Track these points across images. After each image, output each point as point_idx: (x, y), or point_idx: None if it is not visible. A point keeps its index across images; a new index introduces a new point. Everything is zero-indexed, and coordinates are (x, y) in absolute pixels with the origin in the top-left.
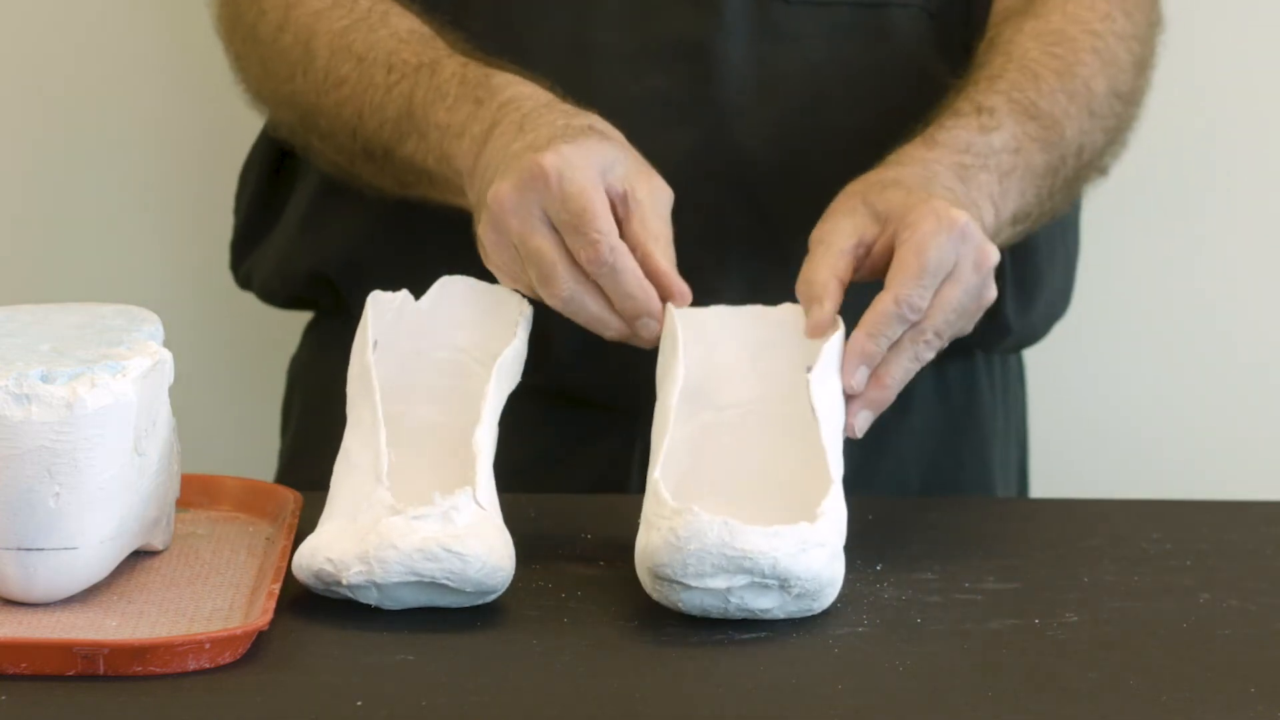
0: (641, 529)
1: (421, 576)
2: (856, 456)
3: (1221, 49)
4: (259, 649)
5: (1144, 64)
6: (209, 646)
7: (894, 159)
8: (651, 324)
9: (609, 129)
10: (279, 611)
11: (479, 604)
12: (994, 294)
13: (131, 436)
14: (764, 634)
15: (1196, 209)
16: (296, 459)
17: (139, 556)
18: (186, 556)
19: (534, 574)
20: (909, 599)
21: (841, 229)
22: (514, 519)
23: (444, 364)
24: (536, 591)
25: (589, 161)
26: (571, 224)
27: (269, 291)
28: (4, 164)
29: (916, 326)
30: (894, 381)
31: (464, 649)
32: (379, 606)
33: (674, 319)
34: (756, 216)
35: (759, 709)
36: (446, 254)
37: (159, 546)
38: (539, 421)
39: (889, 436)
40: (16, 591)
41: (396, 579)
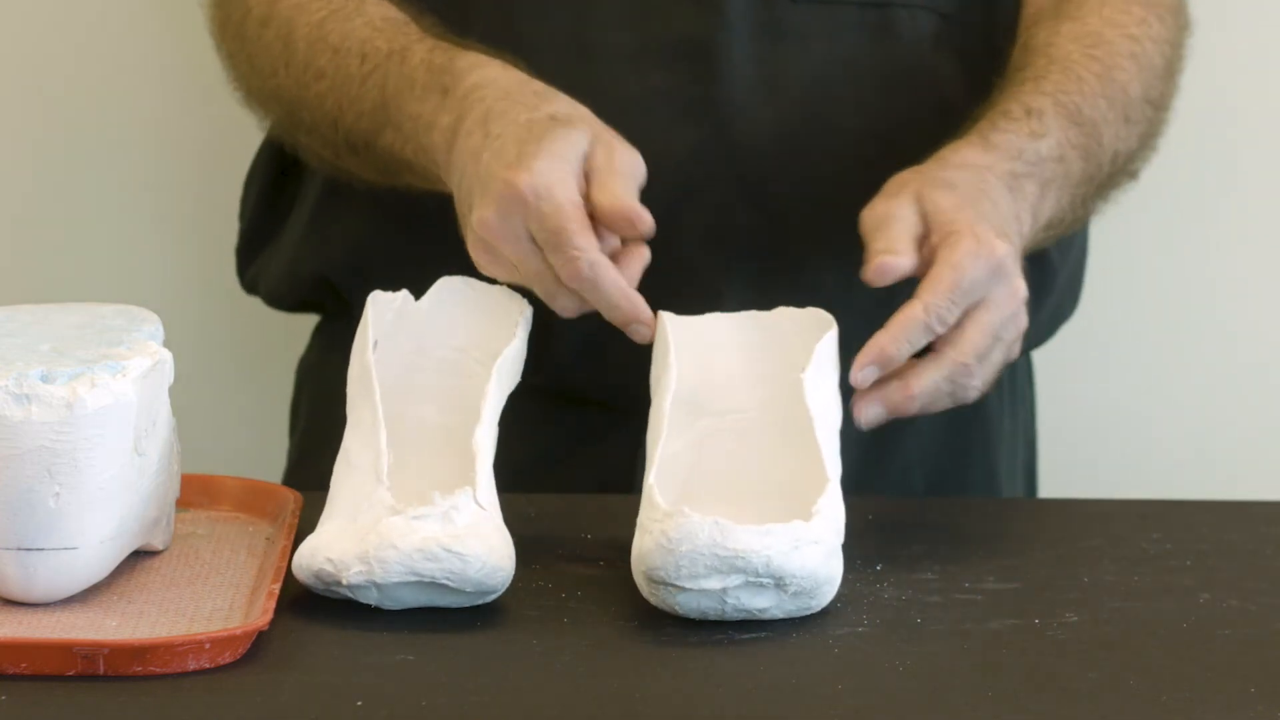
0: (636, 534)
1: (421, 576)
2: (862, 458)
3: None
4: (259, 649)
5: (1174, 69)
6: (209, 646)
7: (952, 158)
8: (641, 330)
9: (571, 111)
10: (279, 611)
11: (479, 604)
12: (1025, 323)
13: (131, 436)
14: (763, 634)
15: (1202, 211)
16: (304, 459)
17: (139, 556)
18: (186, 556)
19: (534, 574)
20: (909, 599)
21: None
22: (514, 519)
23: (444, 364)
24: (536, 591)
25: (559, 168)
26: (551, 243)
27: (276, 297)
28: (5, 164)
29: (956, 348)
30: (921, 393)
31: (464, 649)
32: (379, 606)
33: (665, 326)
34: (760, 216)
35: (759, 709)
36: (450, 255)
37: (159, 546)
38: (540, 422)
39: (895, 438)
40: (16, 591)
41: (396, 579)
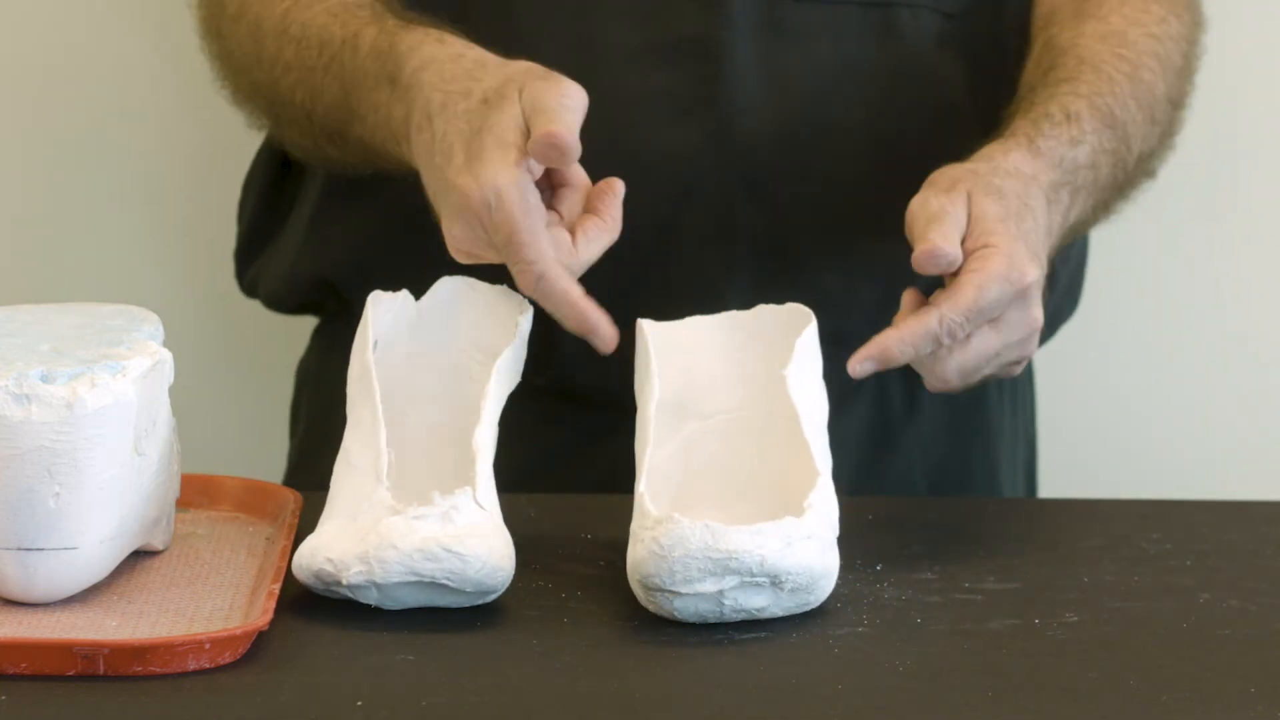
0: (629, 543)
1: (421, 576)
2: (862, 458)
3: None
4: (259, 649)
5: (1191, 68)
6: (209, 646)
7: (1003, 162)
8: (598, 341)
9: (501, 83)
10: (279, 611)
11: (479, 604)
12: (1033, 350)
13: (131, 436)
14: (763, 634)
15: (1201, 211)
16: (304, 460)
17: (139, 556)
18: (186, 556)
19: (534, 574)
20: (909, 599)
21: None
22: (514, 519)
23: (444, 364)
24: (536, 591)
25: (502, 163)
26: (505, 255)
27: (275, 299)
28: (5, 165)
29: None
30: (901, 358)
31: (464, 649)
32: (379, 606)
33: (645, 333)
34: (762, 215)
35: (759, 709)
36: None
37: (159, 546)
38: (541, 422)
39: (896, 438)
40: (16, 591)
41: (396, 579)
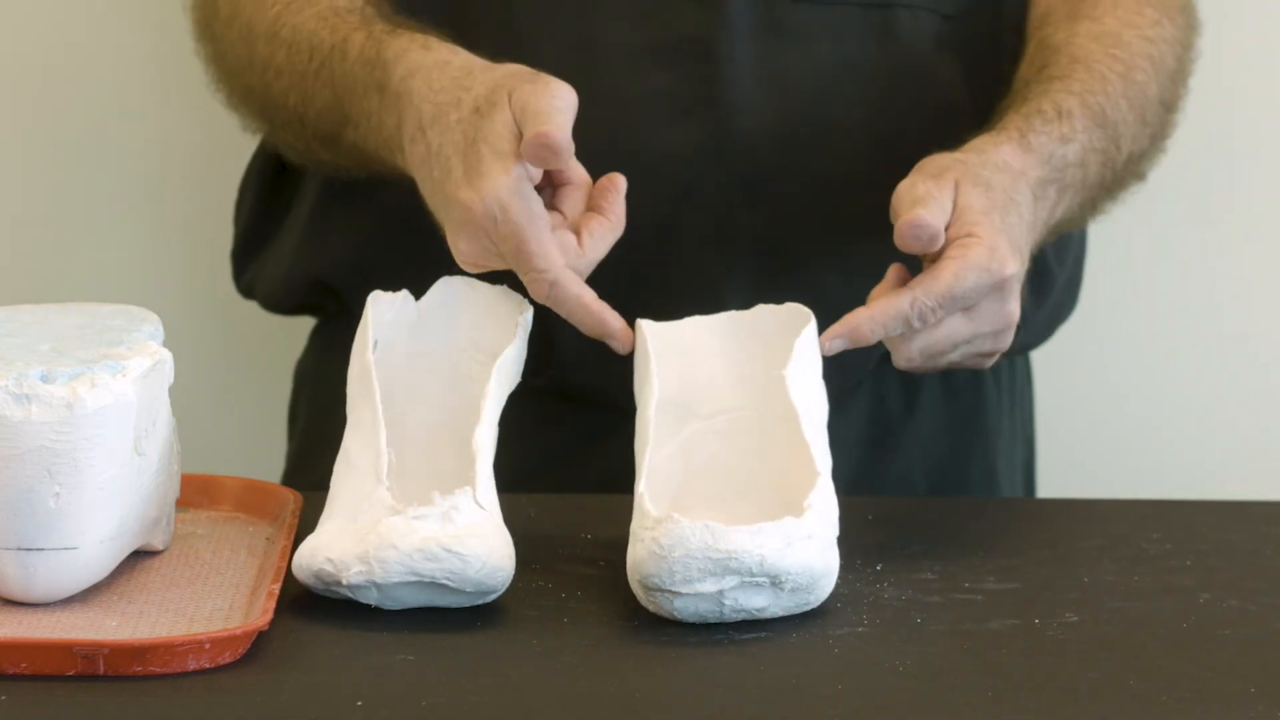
0: (629, 543)
1: (421, 576)
2: (862, 458)
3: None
4: (259, 649)
5: (1185, 71)
6: (209, 646)
7: (993, 155)
8: (614, 344)
9: (490, 90)
10: (279, 611)
11: (479, 604)
12: (1006, 345)
13: (131, 436)
14: (763, 634)
15: (1200, 211)
16: (302, 460)
17: (139, 556)
18: (186, 556)
19: (534, 574)
20: (909, 599)
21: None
22: (514, 519)
23: (444, 364)
24: (536, 591)
25: (502, 174)
26: (513, 265)
27: (273, 301)
28: (5, 165)
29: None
30: (872, 337)
31: (464, 649)
32: (379, 606)
33: (644, 334)
34: (761, 216)
35: (759, 709)
36: (449, 256)
37: (159, 546)
38: (541, 422)
39: (895, 438)
40: (16, 591)
41: (396, 579)
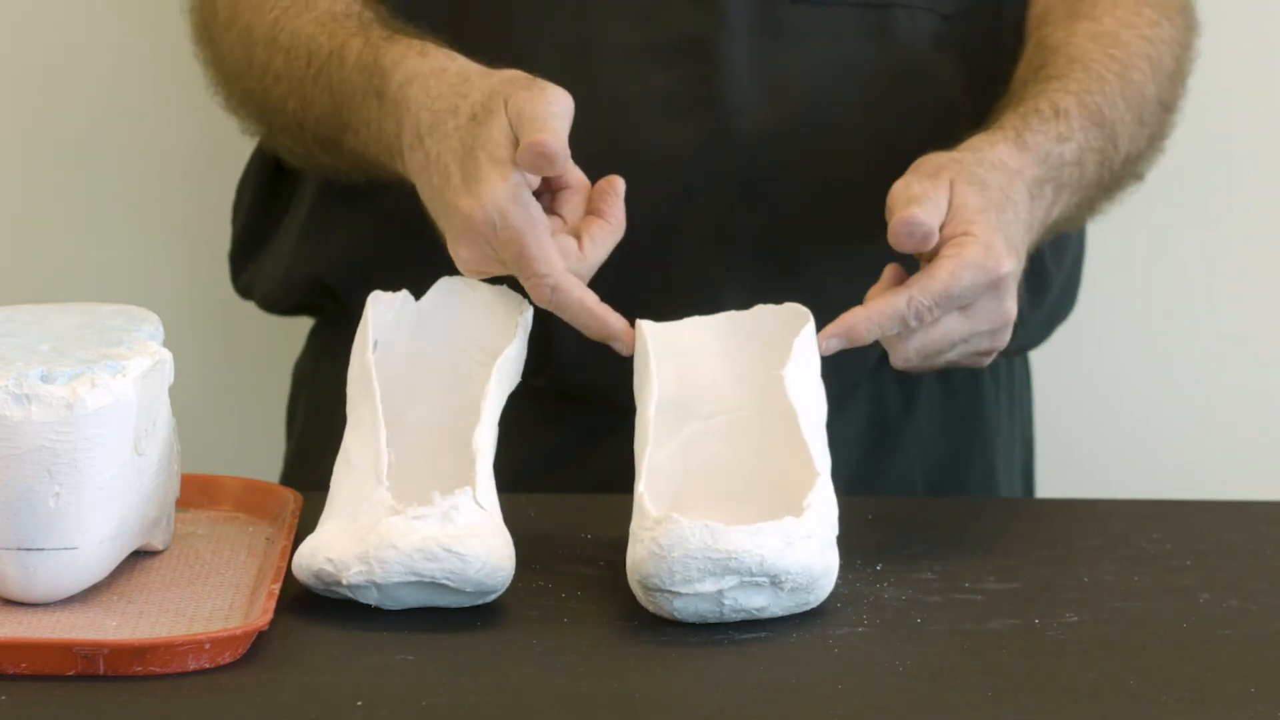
0: (629, 544)
1: (421, 576)
2: (862, 458)
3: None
4: (259, 649)
5: (1183, 72)
6: (209, 646)
7: (989, 154)
8: (618, 346)
9: (487, 97)
10: (279, 611)
11: (479, 604)
12: (1004, 343)
13: (131, 436)
14: (763, 634)
15: (1199, 211)
16: (301, 461)
17: (139, 556)
18: (186, 556)
19: (534, 574)
20: (909, 599)
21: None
22: (514, 519)
23: (444, 364)
24: (536, 591)
25: (501, 181)
26: (515, 270)
27: (271, 301)
28: (5, 166)
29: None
30: (868, 337)
31: (464, 649)
32: (379, 606)
33: (644, 334)
34: (760, 216)
35: (759, 709)
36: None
37: (159, 546)
38: (541, 422)
39: (894, 438)
40: (16, 591)
41: (396, 579)
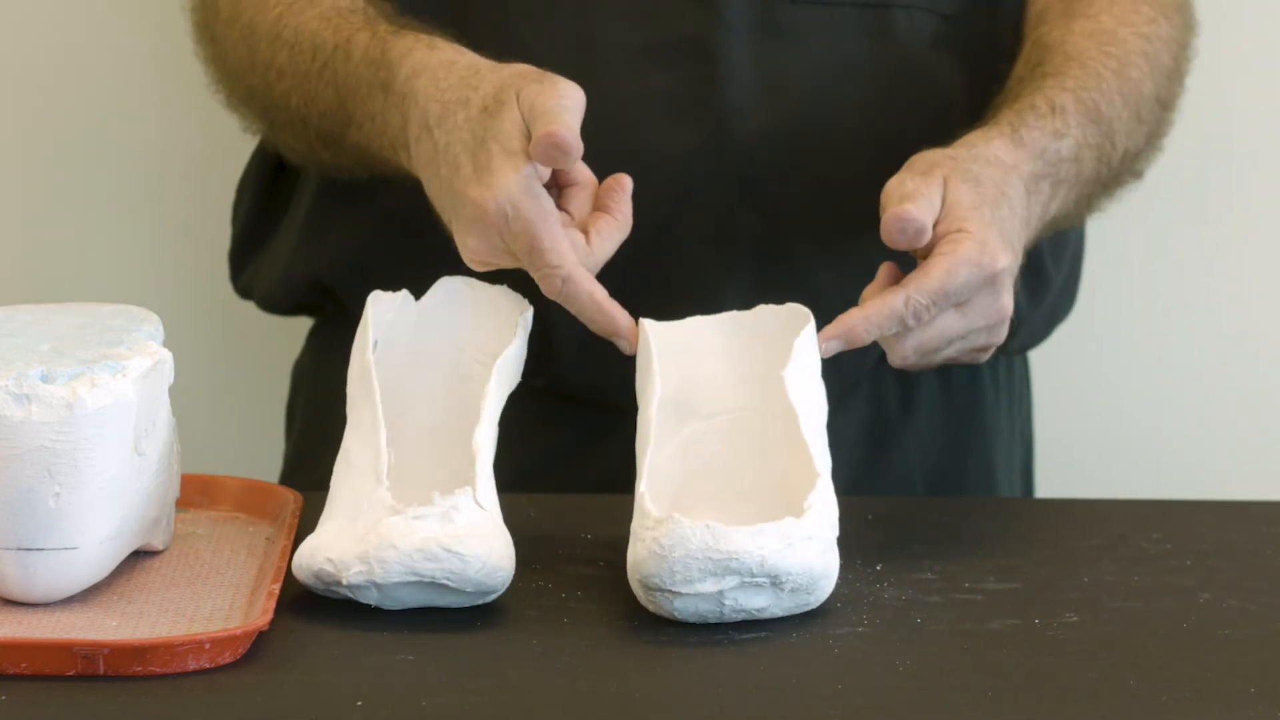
0: (630, 543)
1: (421, 576)
2: (862, 458)
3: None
4: (259, 649)
5: (1181, 70)
6: (209, 646)
7: (984, 150)
8: (622, 343)
9: (498, 89)
10: (279, 611)
11: (479, 604)
12: (1001, 338)
13: (131, 436)
14: (764, 634)
15: (1199, 211)
16: (300, 461)
17: (139, 556)
18: (186, 556)
19: (534, 574)
20: (909, 599)
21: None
22: (514, 519)
23: (444, 364)
24: (536, 591)
25: (513, 171)
26: (526, 261)
27: (271, 301)
28: (4, 164)
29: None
30: (867, 337)
31: (464, 649)
32: (379, 606)
33: (647, 333)
34: (760, 216)
35: (759, 709)
36: (447, 257)
37: (159, 546)
38: (540, 422)
39: (894, 438)
40: (16, 591)
41: (396, 579)
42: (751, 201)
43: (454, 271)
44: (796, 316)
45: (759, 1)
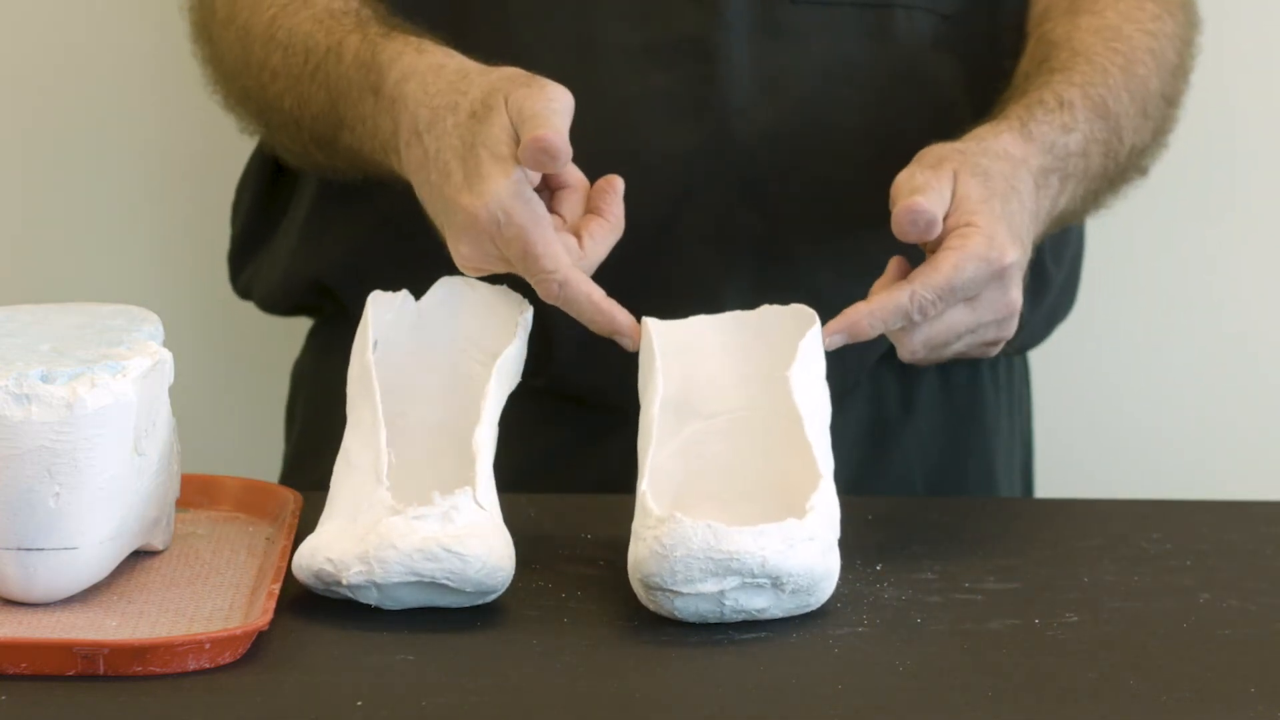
0: (631, 542)
1: (421, 576)
2: (862, 458)
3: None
4: (259, 649)
5: (1186, 66)
6: (209, 646)
7: (993, 144)
8: (624, 340)
9: (486, 94)
10: (279, 611)
11: (479, 604)
12: (1010, 332)
13: (131, 436)
14: (764, 634)
15: (1200, 211)
16: (300, 461)
17: (139, 556)
18: (186, 556)
19: (534, 574)
20: (909, 599)
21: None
22: (514, 519)
23: (444, 364)
24: (536, 591)
25: (503, 177)
26: (520, 267)
27: (270, 302)
28: (4, 164)
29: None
30: (871, 332)
31: (464, 649)
32: (379, 606)
33: (649, 332)
34: (760, 216)
35: (759, 709)
36: (446, 258)
37: (159, 546)
38: (541, 422)
39: (894, 438)
40: (16, 591)
41: (396, 579)
42: (751, 201)
43: (453, 272)
44: (801, 317)
45: (759, 1)
